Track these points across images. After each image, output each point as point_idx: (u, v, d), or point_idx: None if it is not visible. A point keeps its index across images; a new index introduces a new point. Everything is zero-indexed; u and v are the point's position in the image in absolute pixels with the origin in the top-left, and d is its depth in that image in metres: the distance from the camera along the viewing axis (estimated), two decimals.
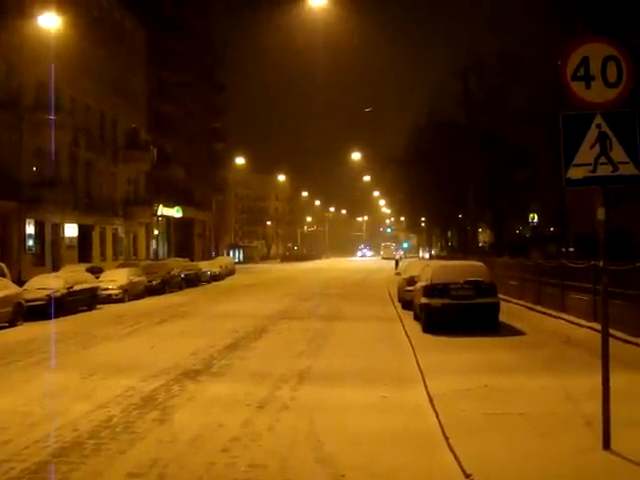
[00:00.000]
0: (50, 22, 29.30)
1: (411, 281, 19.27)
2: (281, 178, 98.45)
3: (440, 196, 45.83)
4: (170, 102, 52.51)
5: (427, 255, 65.60)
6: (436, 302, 14.96)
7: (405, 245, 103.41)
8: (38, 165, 35.79)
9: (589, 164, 6.29)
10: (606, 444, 6.26)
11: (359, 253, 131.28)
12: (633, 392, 8.67)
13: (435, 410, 8.17)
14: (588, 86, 6.25)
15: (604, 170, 6.28)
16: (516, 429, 7.13)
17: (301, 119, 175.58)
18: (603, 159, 6.27)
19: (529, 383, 9.45)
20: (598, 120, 6.28)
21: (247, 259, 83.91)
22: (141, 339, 16.16)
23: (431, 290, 15.16)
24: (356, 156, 70.54)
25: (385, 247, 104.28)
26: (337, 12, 35.65)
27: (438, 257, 51.76)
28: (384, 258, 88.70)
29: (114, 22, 44.38)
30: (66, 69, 36.13)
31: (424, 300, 15.30)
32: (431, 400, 8.69)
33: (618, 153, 6.26)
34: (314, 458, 6.61)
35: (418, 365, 11.32)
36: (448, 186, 40.88)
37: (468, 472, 5.90)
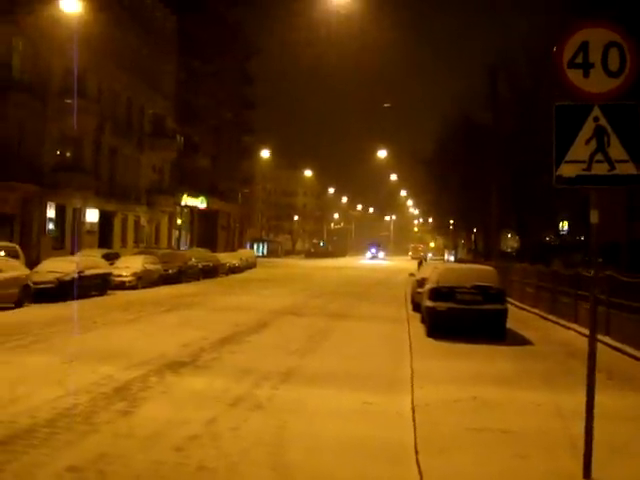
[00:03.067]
0: (78, 7, 29.17)
1: (422, 283, 18.66)
2: (308, 173, 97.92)
3: (466, 199, 44.95)
4: (199, 92, 52.38)
5: (452, 258, 64.66)
6: (441, 306, 14.38)
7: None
8: (61, 150, 35.93)
9: (583, 161, 5.69)
10: (587, 473, 5.67)
11: (368, 254, 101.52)
12: (631, 414, 8.06)
13: (414, 421, 7.65)
14: (586, 74, 5.65)
15: (600, 169, 5.68)
16: (494, 447, 6.57)
17: (327, 115, 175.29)
18: (599, 156, 5.67)
19: (522, 397, 8.86)
20: (596, 112, 5.68)
21: (271, 253, 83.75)
22: (140, 327, 15.87)
23: (436, 293, 14.58)
24: (382, 154, 69.61)
25: (413, 248, 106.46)
26: (367, 6, 35.09)
27: (461, 260, 50.88)
28: (413, 258, 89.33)
29: (144, 9, 44.31)
30: (94, 55, 36.17)
31: (429, 303, 14.73)
32: (413, 410, 8.16)
33: (616, 150, 5.65)
34: (270, 465, 6.15)
35: (412, 371, 10.79)
36: (474, 189, 40.02)
37: None
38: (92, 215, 38.64)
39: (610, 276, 14.44)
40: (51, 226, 35.31)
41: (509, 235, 61.05)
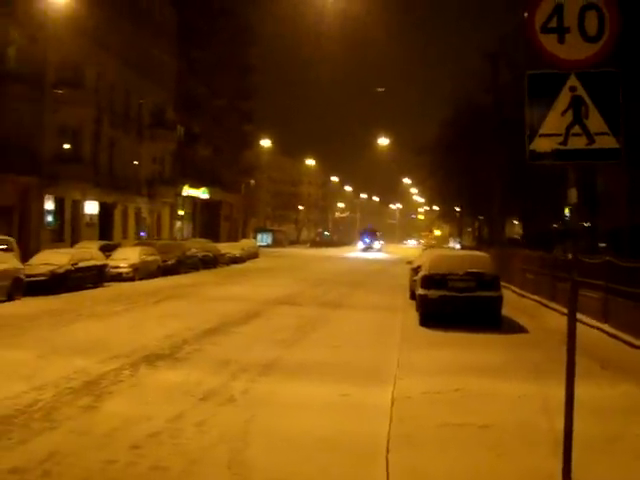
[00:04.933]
0: None
1: (417, 270, 18.22)
2: (311, 163, 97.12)
3: (471, 185, 44.30)
4: (199, 81, 51.81)
5: (457, 245, 64.06)
6: (433, 293, 13.96)
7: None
8: (60, 141, 35.52)
9: (559, 134, 5.22)
10: (566, 472, 5.24)
11: (360, 244, 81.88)
12: (622, 406, 7.63)
13: (391, 415, 7.26)
14: (562, 40, 5.17)
15: (577, 142, 5.21)
16: (470, 444, 6.16)
17: (328, 104, 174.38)
18: (577, 129, 5.20)
19: (509, 389, 8.45)
20: (572, 81, 5.20)
21: (276, 243, 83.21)
22: (126, 318, 15.55)
23: (428, 281, 14.16)
24: (384, 142, 68.98)
25: (425, 236, 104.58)
26: None
27: (465, 248, 50.33)
28: (426, 247, 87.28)
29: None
30: (91, 46, 35.68)
31: (421, 291, 14.32)
32: (392, 403, 7.77)
33: (595, 122, 5.18)
34: (228, 463, 5.76)
35: (398, 361, 10.40)
36: (477, 176, 39.41)
37: None
38: (92, 207, 38.27)
39: (609, 262, 13.98)
40: (50, 218, 34.95)
41: (515, 222, 60.41)
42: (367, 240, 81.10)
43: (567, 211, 44.01)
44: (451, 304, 13.80)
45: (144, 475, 5.47)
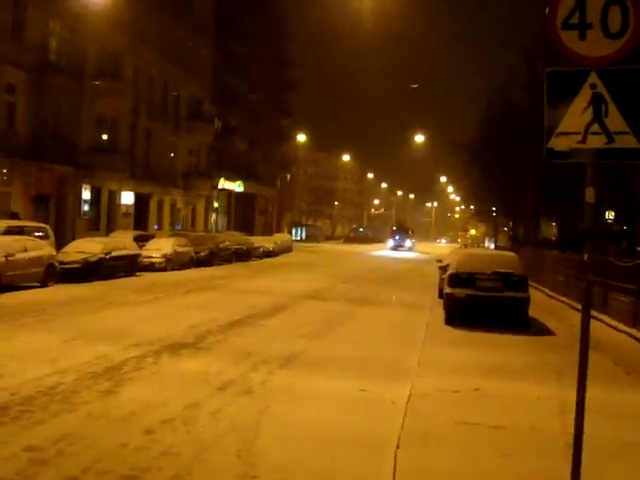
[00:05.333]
0: None
1: (446, 269, 18.12)
2: (347, 158, 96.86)
3: (507, 184, 43.77)
4: (237, 75, 52.06)
5: (492, 245, 63.46)
6: (460, 292, 13.86)
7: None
8: (97, 132, 36.06)
9: (577, 133, 5.14)
10: (575, 477, 5.15)
11: (390, 242, 74.41)
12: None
13: (405, 412, 7.24)
14: (583, 37, 5.07)
15: (596, 141, 5.11)
16: (481, 445, 6.11)
17: (364, 100, 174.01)
18: (596, 127, 5.10)
19: (528, 391, 8.36)
20: (593, 79, 5.10)
21: (310, 238, 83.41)
22: (154, 308, 15.77)
23: (455, 279, 14.05)
24: (420, 139, 68.51)
25: (462, 235, 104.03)
26: None
27: (498, 247, 49.79)
28: (463, 245, 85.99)
29: None
30: (130, 38, 36.23)
31: (448, 289, 14.23)
32: (408, 400, 7.75)
33: (615, 121, 5.07)
34: (238, 452, 5.82)
35: (419, 359, 10.36)
36: (511, 175, 38.95)
37: None
38: (128, 197, 38.82)
39: None
40: (86, 207, 35.52)
41: (553, 223, 59.51)
42: (397, 238, 74.19)
43: (609, 214, 43.33)
44: (477, 303, 13.69)
45: (155, 459, 5.55)
